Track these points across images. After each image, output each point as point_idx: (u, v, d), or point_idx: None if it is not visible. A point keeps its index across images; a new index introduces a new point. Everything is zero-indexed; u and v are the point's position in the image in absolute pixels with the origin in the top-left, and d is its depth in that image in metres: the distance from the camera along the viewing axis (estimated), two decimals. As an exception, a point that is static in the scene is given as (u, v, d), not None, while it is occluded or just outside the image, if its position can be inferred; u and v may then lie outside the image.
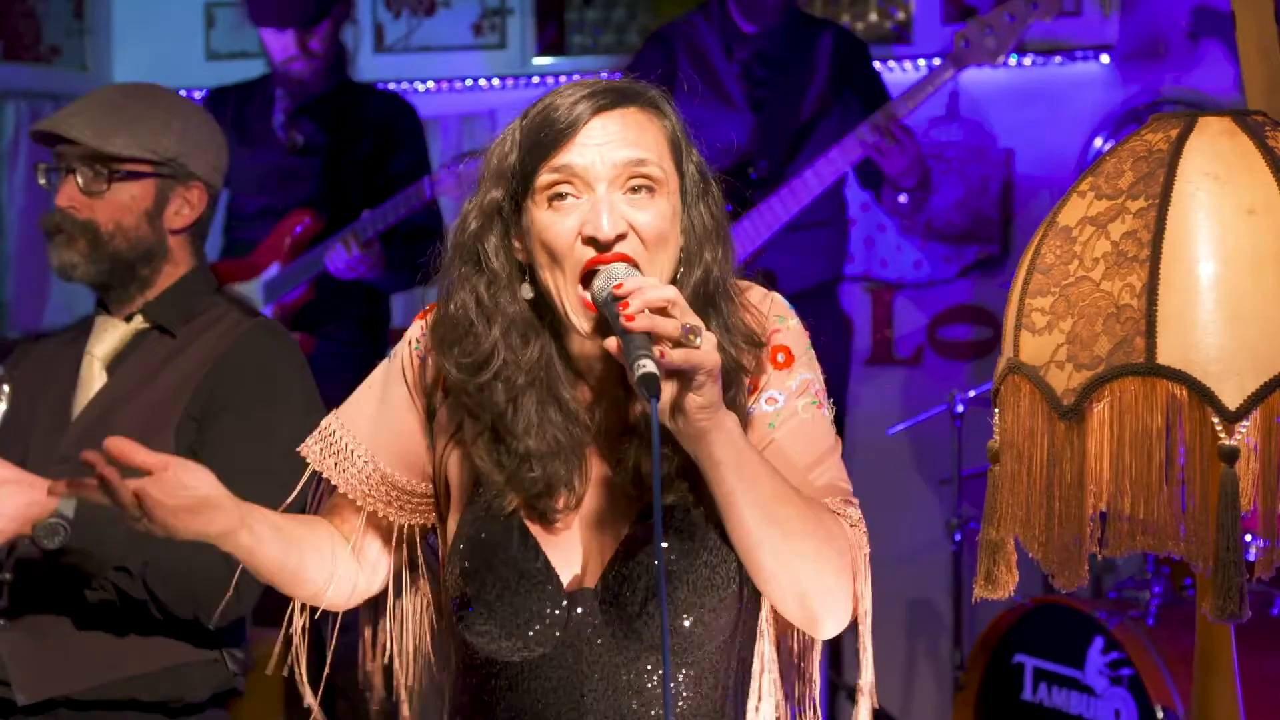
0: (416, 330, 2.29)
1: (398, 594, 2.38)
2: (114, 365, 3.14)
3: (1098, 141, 5.63)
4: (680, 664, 2.16)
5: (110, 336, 3.16)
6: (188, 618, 2.95)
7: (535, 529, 2.18)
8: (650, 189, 2.09)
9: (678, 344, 1.92)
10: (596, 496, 2.18)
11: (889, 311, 5.97)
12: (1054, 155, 5.68)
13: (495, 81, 6.28)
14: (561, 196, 2.09)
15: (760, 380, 2.17)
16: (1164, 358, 1.78)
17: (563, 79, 6.12)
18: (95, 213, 3.09)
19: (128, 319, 3.16)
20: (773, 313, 2.20)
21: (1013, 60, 5.66)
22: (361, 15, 6.36)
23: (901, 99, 4.76)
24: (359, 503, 2.30)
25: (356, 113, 5.29)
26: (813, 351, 2.22)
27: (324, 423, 2.35)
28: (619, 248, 2.06)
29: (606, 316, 1.99)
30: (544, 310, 2.15)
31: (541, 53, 6.29)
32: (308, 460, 2.34)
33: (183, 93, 6.47)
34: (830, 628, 2.16)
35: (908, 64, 5.77)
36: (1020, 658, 4.76)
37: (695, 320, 1.95)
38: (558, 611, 2.15)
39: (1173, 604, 4.52)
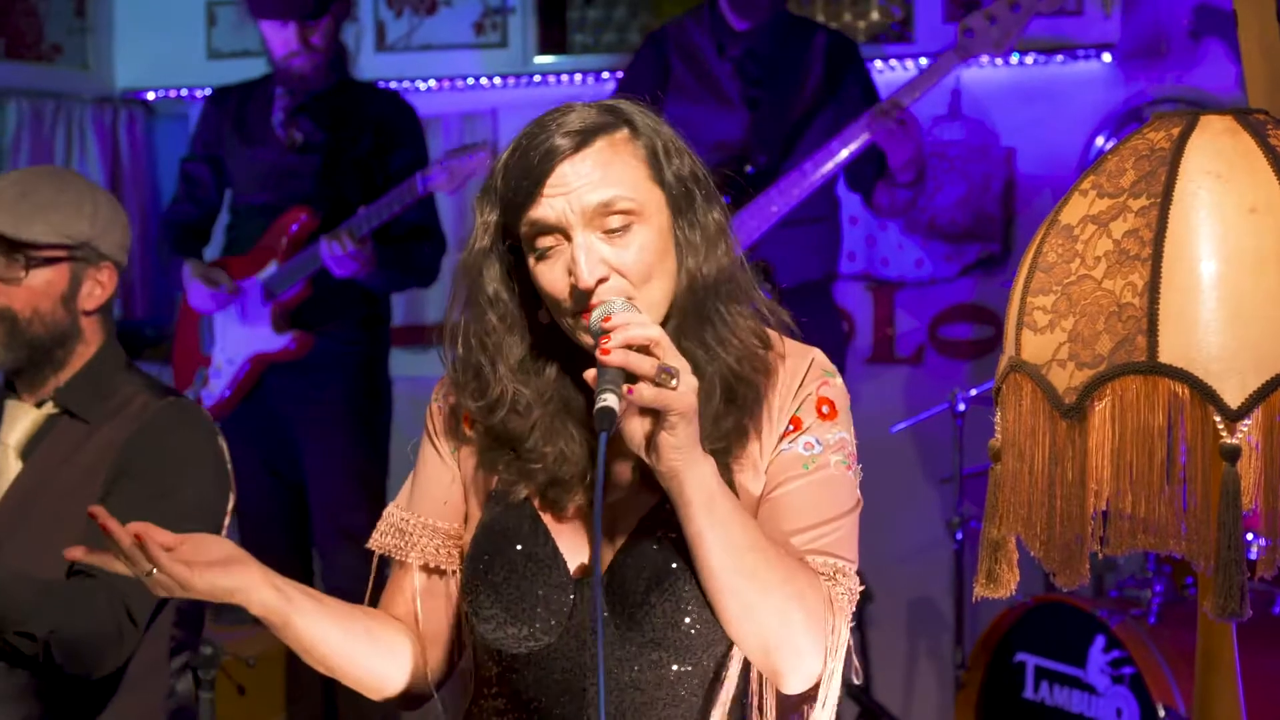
0: (435, 389, 2.35)
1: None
2: (28, 451, 3.13)
3: (1099, 140, 5.63)
4: (685, 661, 2.16)
5: (22, 423, 3.15)
6: (72, 673, 2.95)
7: (547, 519, 2.21)
8: (628, 224, 2.12)
9: (655, 383, 1.95)
10: (610, 493, 2.19)
11: (890, 310, 5.97)
12: (1056, 154, 5.69)
13: (496, 80, 6.28)
14: (546, 246, 2.13)
15: (803, 423, 2.20)
16: (1166, 356, 1.78)
17: (564, 78, 6.13)
18: (12, 300, 3.08)
19: (39, 404, 3.15)
20: (819, 365, 2.24)
21: (1014, 59, 5.68)
22: (363, 14, 6.36)
23: (906, 88, 4.78)
24: (409, 558, 2.32)
25: (356, 111, 5.29)
26: (851, 415, 2.26)
27: (385, 512, 2.38)
28: (602, 290, 2.09)
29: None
30: (558, 336, 2.20)
31: (543, 52, 6.29)
32: (376, 552, 2.37)
33: (185, 91, 6.53)
34: (794, 685, 2.15)
35: (909, 62, 5.77)
36: (1022, 656, 4.77)
37: (679, 362, 1.98)
38: (563, 599, 2.17)
39: (1174, 602, 4.52)
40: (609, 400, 1.95)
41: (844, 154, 4.78)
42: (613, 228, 2.11)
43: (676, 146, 2.20)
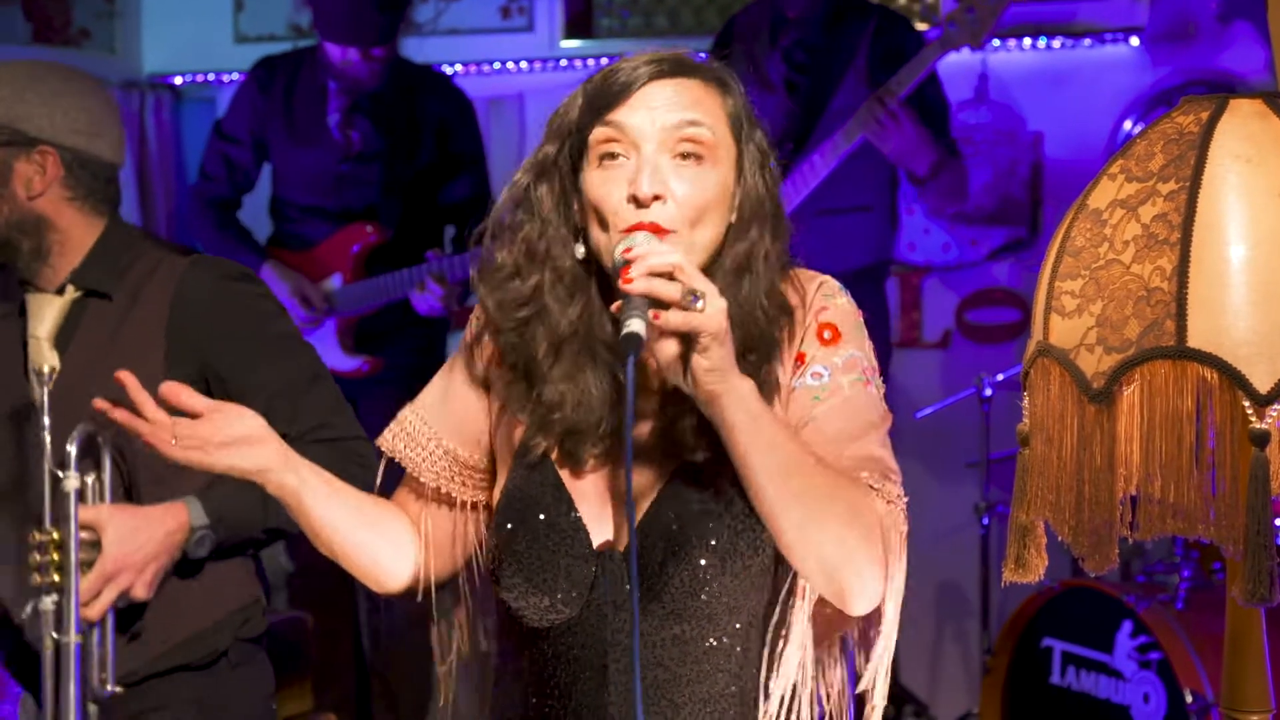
0: (478, 309, 2.34)
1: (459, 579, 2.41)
2: (61, 342, 3.10)
3: (1127, 124, 5.62)
4: (707, 635, 2.17)
5: (48, 314, 3.11)
6: None
7: (570, 485, 2.21)
8: (699, 155, 2.13)
9: (681, 307, 1.95)
10: (637, 460, 2.19)
11: (917, 295, 5.98)
12: (1083, 138, 5.68)
13: (523, 64, 6.28)
14: (613, 156, 2.14)
15: (806, 355, 2.19)
16: (1194, 341, 1.77)
17: (590, 62, 6.14)
18: None
19: (59, 291, 3.12)
20: (821, 292, 2.23)
21: (1042, 43, 5.67)
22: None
23: (894, 80, 4.77)
24: (423, 478, 2.34)
25: (415, 109, 5.25)
26: (863, 329, 2.24)
27: (400, 414, 2.39)
28: (655, 210, 2.10)
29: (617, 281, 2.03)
30: (595, 270, 2.20)
31: (569, 36, 6.29)
32: (383, 450, 2.38)
33: (211, 76, 6.53)
34: (861, 604, 2.14)
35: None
36: (1048, 641, 4.78)
37: (703, 285, 1.98)
38: (585, 570, 2.18)
39: (1202, 588, 4.53)
40: (634, 325, 1.94)
41: (845, 149, 4.78)
42: (684, 154, 2.12)
43: (758, 120, 2.23)
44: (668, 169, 2.12)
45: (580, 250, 2.19)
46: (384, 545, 2.33)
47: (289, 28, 5.88)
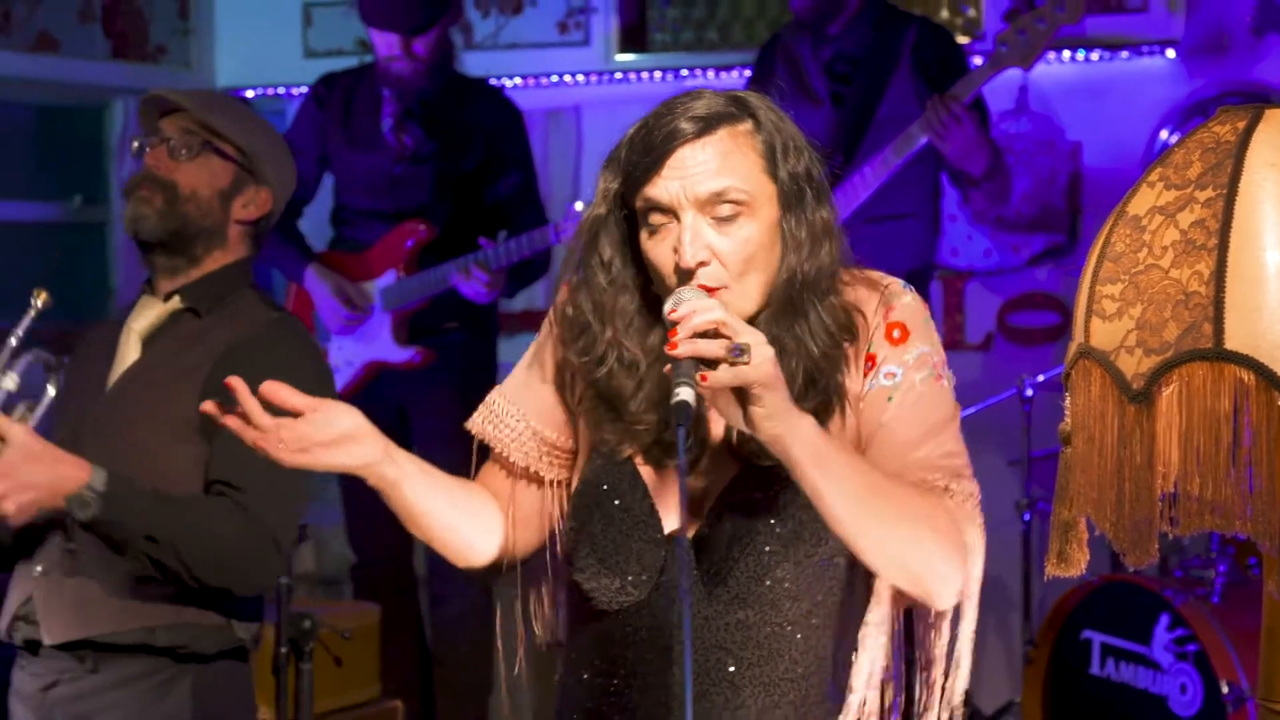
0: (561, 296, 2.37)
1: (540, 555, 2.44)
2: (150, 341, 3.26)
3: (1164, 134, 5.67)
4: (770, 621, 2.23)
5: (149, 313, 3.27)
6: (219, 586, 3.06)
7: (648, 476, 2.28)
8: (736, 214, 2.17)
9: (729, 364, 1.98)
10: (708, 455, 2.27)
11: (960, 298, 6.02)
12: (1121, 148, 5.71)
13: (580, 77, 6.36)
14: (657, 223, 2.20)
15: (877, 357, 2.24)
16: (1231, 343, 1.78)
17: (644, 76, 6.21)
18: (178, 175, 3.23)
19: (166, 298, 3.27)
20: (889, 292, 2.27)
21: (1080, 55, 5.72)
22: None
23: (957, 87, 4.84)
24: (512, 457, 2.38)
25: (465, 117, 5.34)
26: (931, 325, 2.29)
27: (487, 398, 2.43)
28: (702, 274, 2.15)
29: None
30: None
31: (624, 50, 6.36)
32: (472, 432, 2.43)
33: (281, 89, 6.65)
34: (946, 600, 2.22)
35: (978, 59, 5.79)
36: (1088, 634, 4.82)
37: (748, 336, 2.01)
38: (656, 554, 2.24)
39: (1238, 582, 4.56)
40: (683, 394, 1.96)
41: (896, 162, 4.85)
42: (722, 215, 2.16)
43: (796, 145, 2.24)
44: (709, 229, 2.16)
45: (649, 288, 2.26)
46: (472, 526, 2.37)
47: (356, 43, 5.94)
